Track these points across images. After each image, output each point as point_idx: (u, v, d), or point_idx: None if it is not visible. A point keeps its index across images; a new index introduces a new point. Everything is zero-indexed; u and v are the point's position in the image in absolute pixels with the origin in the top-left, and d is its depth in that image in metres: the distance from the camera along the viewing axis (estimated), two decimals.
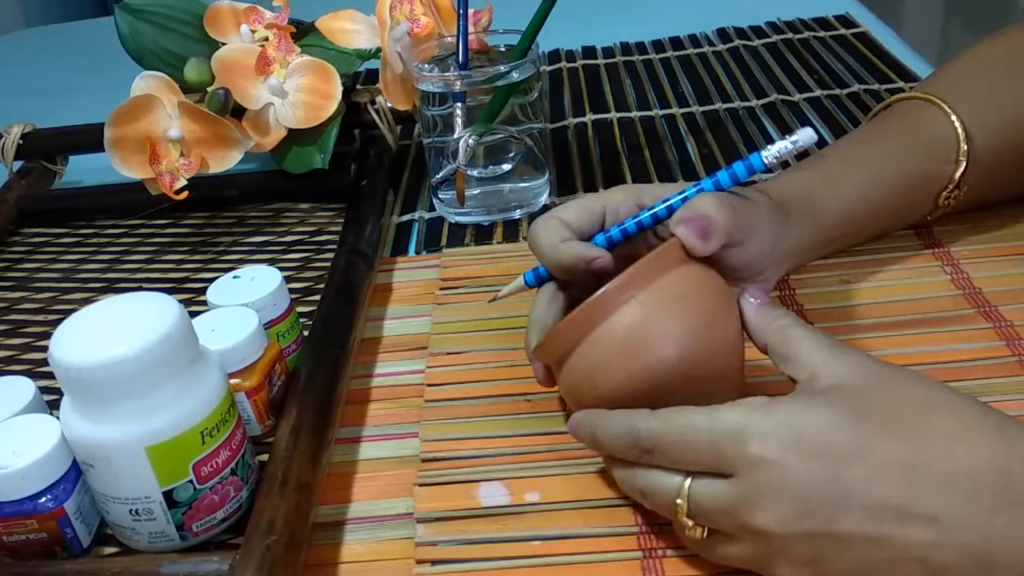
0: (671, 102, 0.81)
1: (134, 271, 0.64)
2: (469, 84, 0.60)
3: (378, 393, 0.50)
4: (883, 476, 0.32)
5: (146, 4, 0.68)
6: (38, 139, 0.74)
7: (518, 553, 0.39)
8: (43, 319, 0.60)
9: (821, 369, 0.35)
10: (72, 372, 0.35)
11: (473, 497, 0.42)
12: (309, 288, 0.59)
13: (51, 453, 0.38)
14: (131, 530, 0.39)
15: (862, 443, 0.32)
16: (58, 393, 0.38)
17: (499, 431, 0.46)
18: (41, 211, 0.72)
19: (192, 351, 0.38)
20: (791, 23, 0.96)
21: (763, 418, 0.33)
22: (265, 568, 0.36)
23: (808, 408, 0.33)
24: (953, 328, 0.49)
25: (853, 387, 0.34)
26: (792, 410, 0.33)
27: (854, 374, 0.35)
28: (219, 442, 0.38)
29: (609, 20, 1.06)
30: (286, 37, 0.63)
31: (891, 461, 0.32)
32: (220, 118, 0.61)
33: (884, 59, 0.84)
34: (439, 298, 0.57)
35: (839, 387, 0.34)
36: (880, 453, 0.32)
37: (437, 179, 0.64)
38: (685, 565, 0.38)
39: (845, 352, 0.36)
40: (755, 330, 0.39)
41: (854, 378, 0.34)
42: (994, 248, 0.54)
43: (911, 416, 0.33)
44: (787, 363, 0.37)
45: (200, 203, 0.67)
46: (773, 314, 0.38)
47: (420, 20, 0.66)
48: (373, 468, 0.45)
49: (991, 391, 0.44)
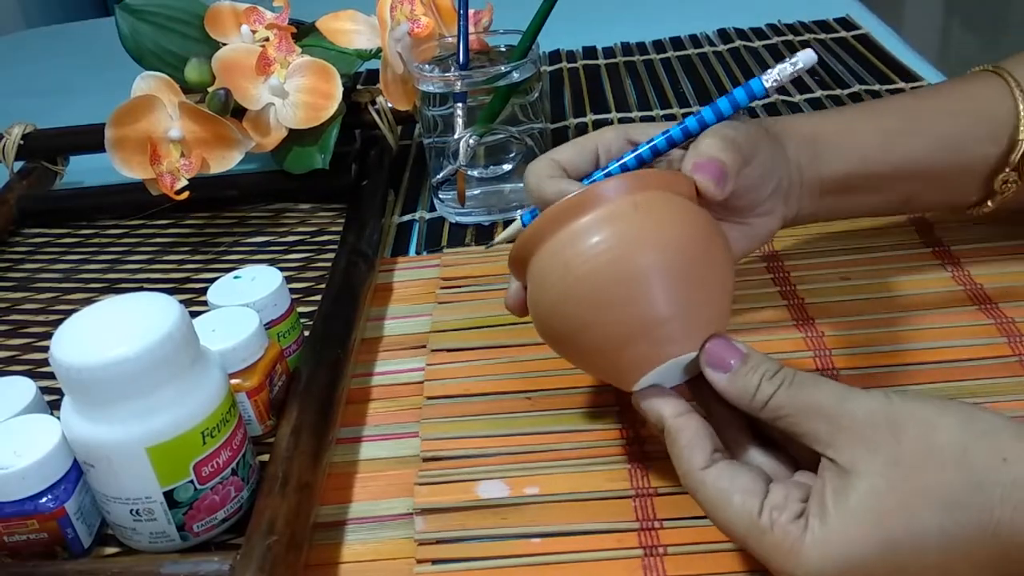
0: (672, 102, 0.81)
1: (135, 271, 0.64)
2: (470, 84, 0.60)
3: (379, 393, 0.50)
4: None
5: (146, 4, 0.68)
6: (39, 139, 0.74)
7: (518, 551, 0.39)
8: (44, 319, 0.60)
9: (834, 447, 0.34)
10: (73, 372, 0.35)
11: (473, 492, 0.42)
12: (310, 288, 0.59)
13: (52, 453, 0.38)
14: (132, 530, 0.39)
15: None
16: (59, 393, 0.38)
17: (499, 430, 0.46)
18: (42, 211, 0.72)
19: (193, 351, 0.38)
20: (791, 25, 0.96)
21: (799, 554, 0.33)
22: (266, 568, 0.36)
23: (848, 546, 0.32)
24: (954, 325, 0.48)
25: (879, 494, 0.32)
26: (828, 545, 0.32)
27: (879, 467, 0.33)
28: (220, 442, 0.38)
29: (610, 20, 1.06)
30: (287, 37, 0.63)
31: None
32: (221, 118, 0.61)
33: (884, 59, 0.84)
34: (439, 297, 0.57)
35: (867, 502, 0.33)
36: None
37: (438, 179, 0.64)
38: (686, 563, 0.38)
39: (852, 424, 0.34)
40: (739, 404, 0.36)
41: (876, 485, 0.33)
42: (995, 246, 0.54)
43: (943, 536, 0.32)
44: (796, 432, 0.35)
45: (201, 203, 0.67)
46: (751, 383, 0.36)
47: (421, 20, 0.66)
48: (374, 468, 0.45)
49: (992, 391, 0.44)
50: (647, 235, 0.37)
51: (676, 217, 0.38)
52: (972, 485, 0.31)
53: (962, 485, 0.32)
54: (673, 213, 0.38)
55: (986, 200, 0.49)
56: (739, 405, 0.36)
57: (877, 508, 0.32)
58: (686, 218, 0.38)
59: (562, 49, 0.97)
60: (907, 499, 0.32)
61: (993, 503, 0.31)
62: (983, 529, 0.31)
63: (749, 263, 0.55)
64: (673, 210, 0.38)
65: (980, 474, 0.31)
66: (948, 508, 0.32)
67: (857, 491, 0.32)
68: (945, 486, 0.32)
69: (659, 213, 0.38)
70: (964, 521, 0.31)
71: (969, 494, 0.31)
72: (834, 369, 0.47)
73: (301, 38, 0.68)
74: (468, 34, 0.62)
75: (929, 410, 0.33)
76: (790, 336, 0.49)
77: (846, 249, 0.55)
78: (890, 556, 0.32)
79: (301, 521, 0.39)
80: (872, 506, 0.32)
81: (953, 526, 0.31)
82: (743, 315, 0.51)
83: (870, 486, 0.32)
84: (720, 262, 0.38)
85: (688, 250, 0.37)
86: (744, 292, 0.53)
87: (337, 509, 0.43)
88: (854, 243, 0.56)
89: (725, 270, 0.39)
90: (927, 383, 0.45)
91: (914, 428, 0.33)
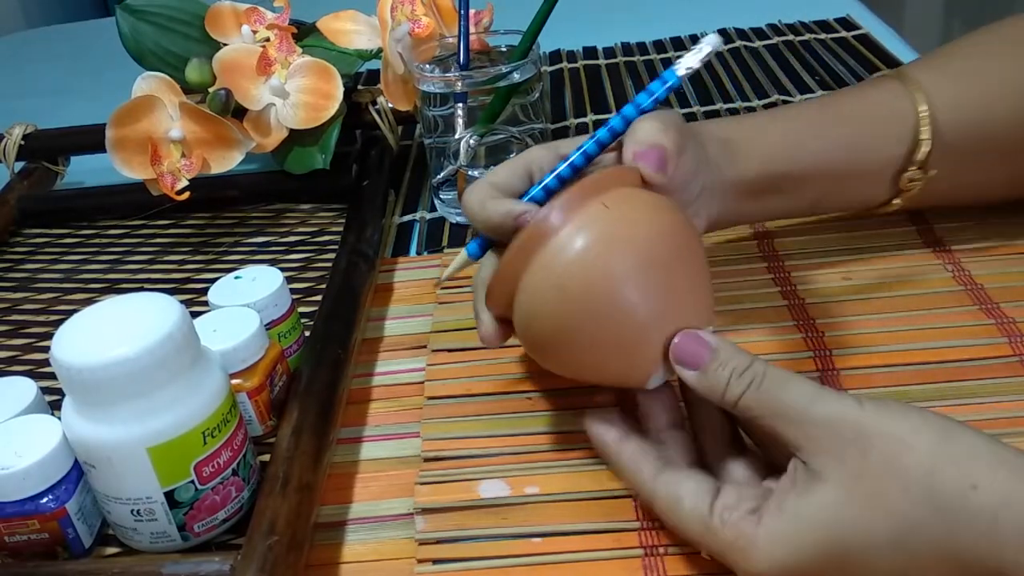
0: (672, 102, 0.81)
1: (135, 272, 0.64)
2: (470, 85, 0.60)
3: (379, 393, 0.50)
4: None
5: (147, 5, 0.68)
6: (40, 140, 0.74)
7: (519, 551, 0.39)
8: (44, 320, 0.60)
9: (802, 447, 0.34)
10: (74, 372, 0.35)
11: (473, 491, 0.42)
12: (310, 288, 0.59)
13: (53, 453, 0.38)
14: (133, 530, 0.39)
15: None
16: (60, 393, 0.38)
17: (500, 430, 0.46)
18: (43, 212, 0.72)
19: (193, 351, 0.38)
20: (792, 25, 0.96)
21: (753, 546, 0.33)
22: (266, 568, 0.36)
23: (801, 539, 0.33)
24: (955, 325, 0.48)
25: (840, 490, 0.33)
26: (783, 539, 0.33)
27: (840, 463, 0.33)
28: (220, 442, 0.39)
29: (610, 20, 1.06)
30: (287, 38, 0.63)
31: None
32: (221, 119, 0.61)
33: (885, 60, 0.84)
34: (440, 298, 0.57)
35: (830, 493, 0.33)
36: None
37: (438, 179, 0.64)
38: (686, 563, 0.38)
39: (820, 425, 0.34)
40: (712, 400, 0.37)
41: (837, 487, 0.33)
42: (996, 246, 0.54)
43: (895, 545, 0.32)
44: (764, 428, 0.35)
45: (201, 204, 0.67)
46: (718, 382, 0.36)
47: (421, 21, 0.66)
48: (374, 468, 0.45)
49: (992, 391, 0.44)
50: (629, 232, 0.37)
51: (648, 209, 0.38)
52: (932, 509, 0.31)
53: (923, 508, 0.31)
54: (643, 206, 0.38)
55: (893, 199, 0.51)
56: (712, 400, 0.36)
57: (834, 517, 0.32)
58: (656, 208, 0.38)
59: (562, 49, 0.97)
60: (865, 513, 0.32)
61: (956, 528, 0.31)
62: (940, 549, 0.31)
63: (749, 263, 0.55)
64: (641, 203, 0.38)
65: (943, 500, 0.31)
66: (905, 529, 0.32)
67: (819, 496, 0.33)
68: (905, 506, 0.32)
69: (630, 208, 0.38)
70: (920, 541, 0.32)
71: (928, 517, 0.31)
72: (834, 369, 0.47)
73: (302, 38, 0.68)
74: (469, 34, 0.62)
75: (903, 427, 0.33)
76: (790, 336, 0.49)
77: (846, 249, 0.55)
78: (838, 562, 0.32)
79: (302, 521, 0.39)
80: (830, 514, 0.33)
81: (908, 544, 0.32)
82: (743, 315, 0.51)
83: (833, 495, 0.33)
84: (698, 243, 0.39)
85: (670, 237, 0.38)
86: (744, 292, 0.53)
87: (338, 509, 0.43)
88: (854, 243, 0.56)
89: (702, 249, 0.39)
90: (927, 383, 0.45)
91: (882, 444, 0.32)
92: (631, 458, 0.38)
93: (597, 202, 0.37)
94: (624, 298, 0.36)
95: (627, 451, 0.38)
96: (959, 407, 0.43)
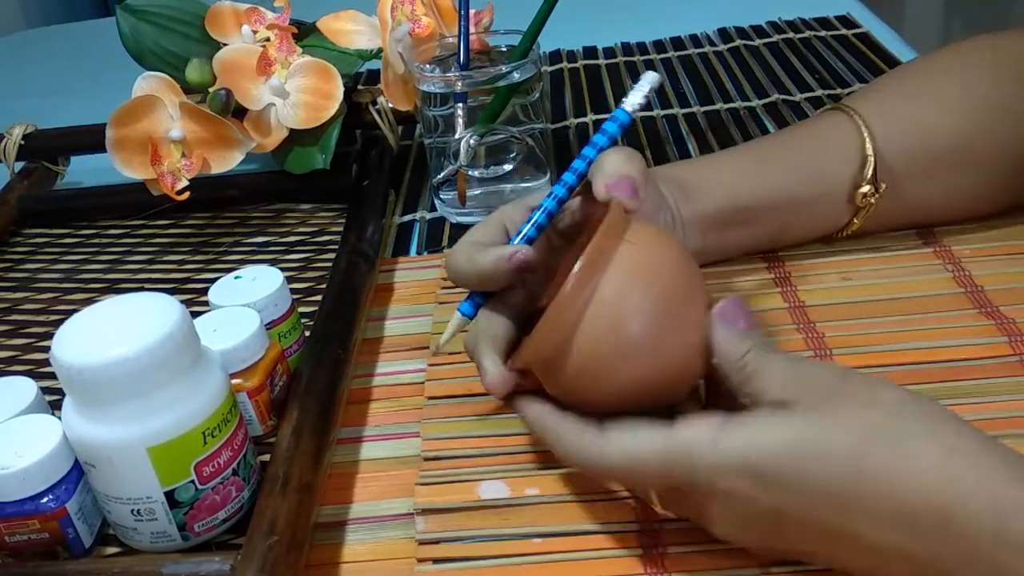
0: (672, 102, 0.81)
1: (136, 271, 0.64)
2: (470, 84, 0.60)
3: (379, 393, 0.50)
4: (819, 516, 0.33)
5: (147, 5, 0.68)
6: (40, 140, 0.74)
7: (519, 551, 0.39)
8: (45, 319, 0.60)
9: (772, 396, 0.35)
10: (74, 372, 0.35)
11: (473, 493, 0.42)
12: (311, 288, 0.59)
13: (53, 453, 0.38)
14: (133, 530, 0.39)
15: (804, 483, 0.32)
16: (60, 393, 0.38)
17: (500, 430, 0.46)
18: (43, 212, 0.72)
19: (194, 351, 0.38)
20: (792, 23, 0.96)
21: (714, 445, 0.33)
22: (267, 568, 0.36)
23: (767, 439, 0.33)
24: (954, 326, 0.48)
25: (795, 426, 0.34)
26: (749, 438, 0.33)
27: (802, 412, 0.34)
28: (221, 442, 0.39)
29: (610, 20, 1.06)
30: (287, 38, 0.63)
31: (828, 502, 0.32)
32: (221, 119, 0.61)
33: (885, 59, 0.84)
34: (440, 298, 0.57)
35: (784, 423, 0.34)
36: (818, 497, 0.32)
37: (438, 179, 0.64)
38: (687, 561, 0.38)
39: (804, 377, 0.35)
40: (718, 353, 0.38)
41: (809, 406, 0.34)
42: (996, 247, 0.54)
43: (855, 454, 0.32)
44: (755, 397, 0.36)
45: (201, 203, 0.67)
46: (742, 345, 0.37)
47: (421, 20, 0.66)
48: (374, 468, 0.45)
49: (992, 391, 0.44)
50: (658, 259, 0.38)
51: (657, 235, 0.40)
52: (895, 431, 0.32)
53: (885, 424, 0.32)
54: (651, 233, 0.40)
55: (853, 217, 0.53)
56: (722, 360, 0.37)
57: (799, 424, 0.33)
58: (660, 234, 0.40)
59: (563, 49, 0.97)
60: (828, 423, 0.33)
61: (912, 450, 0.32)
62: (892, 471, 0.32)
63: (749, 263, 0.55)
64: (648, 231, 0.40)
65: (908, 423, 0.32)
66: (866, 438, 0.32)
67: (786, 412, 0.34)
68: (867, 418, 0.33)
69: (645, 237, 0.39)
70: (877, 457, 0.32)
71: (889, 431, 0.32)
72: None
73: (302, 38, 0.68)
74: (469, 34, 0.62)
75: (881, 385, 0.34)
76: (790, 337, 0.49)
77: (846, 249, 0.55)
78: (793, 470, 0.32)
79: (302, 521, 0.39)
80: (796, 421, 0.33)
81: (866, 457, 0.32)
82: None
83: (801, 412, 0.34)
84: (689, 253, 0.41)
85: (688, 255, 0.40)
86: (744, 292, 0.53)
87: (338, 509, 0.43)
88: (854, 243, 0.55)
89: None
90: (927, 383, 0.45)
91: (861, 383, 0.34)
92: (575, 423, 0.37)
93: (618, 243, 0.38)
94: (673, 316, 0.37)
95: (569, 420, 0.38)
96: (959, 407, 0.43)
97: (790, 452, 0.33)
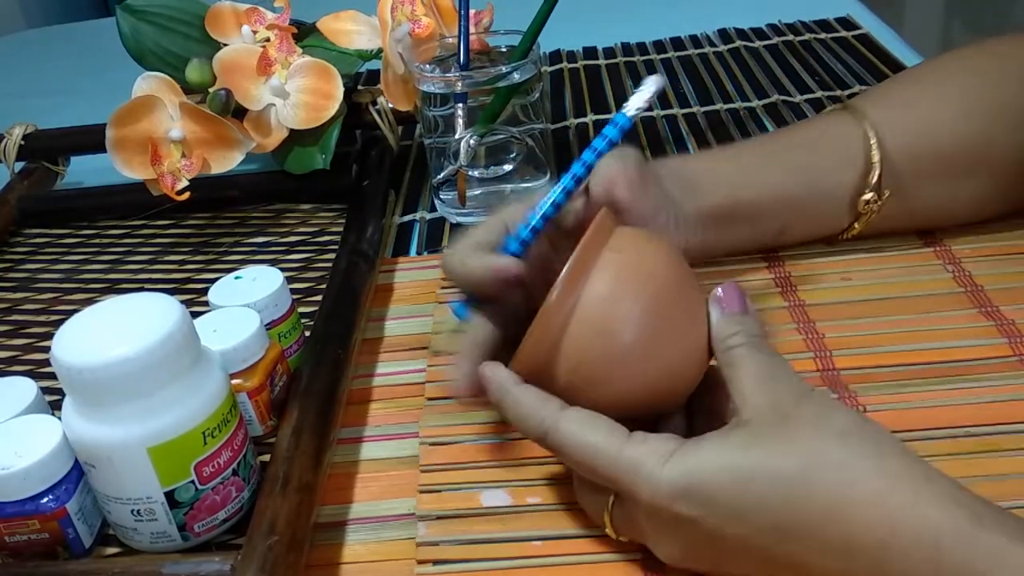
0: (672, 102, 0.81)
1: (136, 272, 0.64)
2: (470, 85, 0.60)
3: (379, 393, 0.50)
4: (759, 541, 0.33)
5: (147, 5, 0.68)
6: (40, 140, 0.74)
7: (519, 553, 0.39)
8: (45, 320, 0.60)
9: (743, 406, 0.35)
10: (74, 372, 0.35)
11: (475, 500, 0.42)
12: (311, 288, 0.59)
13: (53, 453, 0.38)
14: (133, 530, 0.39)
15: (744, 508, 0.32)
16: (60, 393, 0.38)
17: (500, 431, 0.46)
18: (43, 212, 0.72)
19: (194, 352, 0.38)
20: (792, 26, 0.96)
21: (661, 465, 0.34)
22: (267, 568, 0.36)
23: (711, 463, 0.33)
24: (954, 326, 0.48)
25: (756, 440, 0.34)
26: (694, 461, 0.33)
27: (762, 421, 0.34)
28: (221, 442, 0.39)
29: (610, 20, 1.06)
30: (287, 38, 0.63)
31: (767, 528, 0.32)
32: (221, 119, 0.61)
33: (885, 60, 0.84)
34: (440, 298, 0.57)
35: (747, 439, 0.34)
36: (757, 523, 0.32)
37: (438, 180, 0.64)
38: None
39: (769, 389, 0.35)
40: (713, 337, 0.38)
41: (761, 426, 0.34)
42: (996, 247, 0.54)
43: (797, 480, 0.32)
44: (728, 384, 0.36)
45: (202, 204, 0.67)
46: (731, 328, 0.37)
47: (421, 21, 0.66)
48: (375, 468, 0.45)
49: (992, 391, 0.44)
50: (647, 267, 0.38)
51: (647, 242, 0.39)
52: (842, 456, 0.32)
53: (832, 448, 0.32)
54: (640, 240, 0.39)
55: (854, 222, 0.53)
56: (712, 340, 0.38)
57: (749, 442, 0.33)
58: (650, 241, 0.40)
59: (563, 49, 0.97)
60: (777, 445, 0.33)
61: (855, 479, 0.31)
62: (833, 497, 0.32)
63: (749, 263, 0.55)
64: (637, 238, 0.40)
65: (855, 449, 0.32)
66: (813, 464, 0.32)
67: (740, 430, 0.34)
68: (817, 444, 0.32)
69: (633, 244, 0.39)
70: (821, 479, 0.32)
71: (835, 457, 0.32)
72: (834, 369, 0.47)
73: (302, 38, 0.68)
74: (469, 34, 0.62)
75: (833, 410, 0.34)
76: (790, 337, 0.49)
77: (846, 249, 0.55)
78: (738, 490, 0.32)
79: (302, 521, 0.39)
80: (745, 441, 0.33)
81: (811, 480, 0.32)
82: None
83: (753, 429, 0.34)
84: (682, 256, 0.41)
85: (681, 260, 0.40)
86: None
87: (338, 509, 0.43)
88: (854, 243, 0.55)
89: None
90: (927, 383, 0.45)
91: (814, 406, 0.34)
92: (536, 395, 0.37)
93: (603, 250, 0.38)
94: (669, 327, 0.37)
95: (530, 391, 0.38)
96: (958, 407, 0.43)
97: (732, 477, 0.33)
